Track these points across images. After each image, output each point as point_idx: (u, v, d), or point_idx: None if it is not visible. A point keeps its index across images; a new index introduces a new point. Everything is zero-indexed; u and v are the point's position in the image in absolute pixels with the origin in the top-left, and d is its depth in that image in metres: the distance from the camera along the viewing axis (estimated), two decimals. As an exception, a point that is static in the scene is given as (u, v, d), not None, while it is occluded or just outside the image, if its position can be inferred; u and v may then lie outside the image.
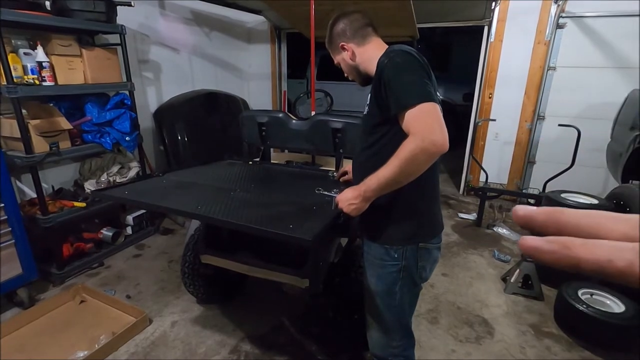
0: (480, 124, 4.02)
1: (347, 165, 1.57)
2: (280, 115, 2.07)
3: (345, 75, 1.30)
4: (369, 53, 1.16)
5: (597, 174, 3.60)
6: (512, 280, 2.43)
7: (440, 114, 1.01)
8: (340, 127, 1.91)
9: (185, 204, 1.34)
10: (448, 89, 6.08)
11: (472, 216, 3.69)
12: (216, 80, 4.54)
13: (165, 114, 3.70)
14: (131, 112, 2.85)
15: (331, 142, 1.96)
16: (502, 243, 3.15)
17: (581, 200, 2.59)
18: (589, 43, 3.45)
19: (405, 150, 0.99)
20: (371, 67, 1.14)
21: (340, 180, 1.66)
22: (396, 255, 1.15)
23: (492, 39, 3.82)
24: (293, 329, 2.07)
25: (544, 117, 3.80)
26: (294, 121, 2.04)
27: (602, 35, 3.40)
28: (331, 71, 3.97)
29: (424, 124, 0.98)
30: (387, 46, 1.14)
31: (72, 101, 2.67)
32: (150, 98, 3.68)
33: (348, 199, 1.11)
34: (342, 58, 1.23)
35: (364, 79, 1.24)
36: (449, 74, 7.12)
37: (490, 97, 3.99)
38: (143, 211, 3.19)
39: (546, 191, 3.28)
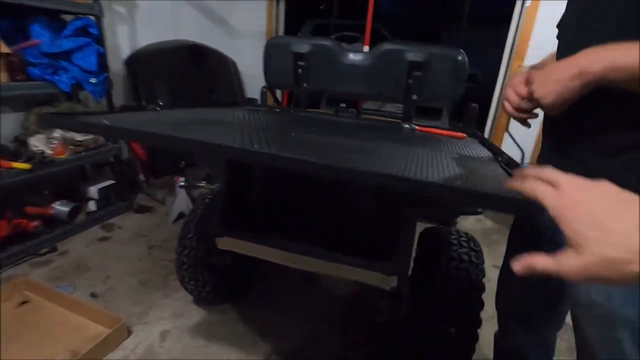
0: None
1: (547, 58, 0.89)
2: (329, 43, 1.47)
3: None
4: None
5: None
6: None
7: None
8: (421, 60, 1.35)
9: (230, 140, 0.73)
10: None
11: (498, 201, 3.31)
12: (202, 33, 3.78)
13: (142, 64, 2.94)
14: (98, 46, 2.11)
15: (403, 83, 1.40)
16: (542, 231, 2.77)
17: None
18: None
19: None
20: None
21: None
22: None
23: (527, 3, 3.39)
24: (339, 339, 1.52)
25: (577, 94, 3.45)
26: (350, 54, 1.45)
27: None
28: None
29: None
30: None
31: (12, 20, 1.88)
32: (122, 40, 2.89)
33: (549, 75, 0.62)
34: None
35: None
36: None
37: (519, 70, 3.59)
38: (111, 182, 2.47)
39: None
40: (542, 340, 1.02)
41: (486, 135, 3.81)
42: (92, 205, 2.36)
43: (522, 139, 3.53)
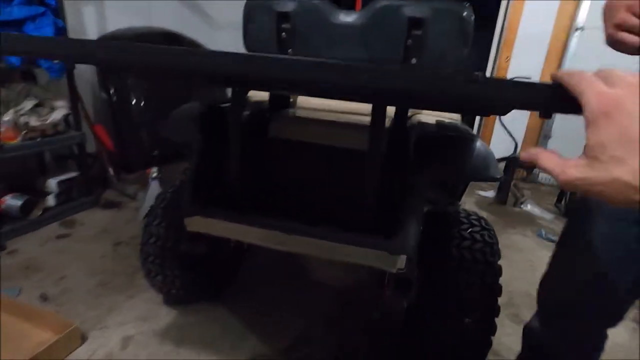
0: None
1: None
2: (316, 1, 1.30)
3: None
4: None
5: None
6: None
7: None
8: (422, 17, 1.19)
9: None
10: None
11: (490, 193, 3.22)
12: (179, 22, 3.56)
13: (110, 49, 2.70)
14: (57, 19, 1.88)
15: (401, 45, 1.24)
16: (538, 222, 2.67)
17: None
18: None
19: None
20: None
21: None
22: None
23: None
24: (334, 339, 1.33)
25: (565, 85, 3.42)
26: (341, 13, 1.29)
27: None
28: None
29: None
30: None
31: (-50, -17, 1.65)
32: (88, 22, 2.66)
33: None
34: None
35: None
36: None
37: (507, 61, 3.53)
38: (73, 175, 2.22)
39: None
40: (597, 337, 0.84)
41: (476, 126, 3.72)
42: (50, 200, 2.09)
43: (511, 130, 3.44)
